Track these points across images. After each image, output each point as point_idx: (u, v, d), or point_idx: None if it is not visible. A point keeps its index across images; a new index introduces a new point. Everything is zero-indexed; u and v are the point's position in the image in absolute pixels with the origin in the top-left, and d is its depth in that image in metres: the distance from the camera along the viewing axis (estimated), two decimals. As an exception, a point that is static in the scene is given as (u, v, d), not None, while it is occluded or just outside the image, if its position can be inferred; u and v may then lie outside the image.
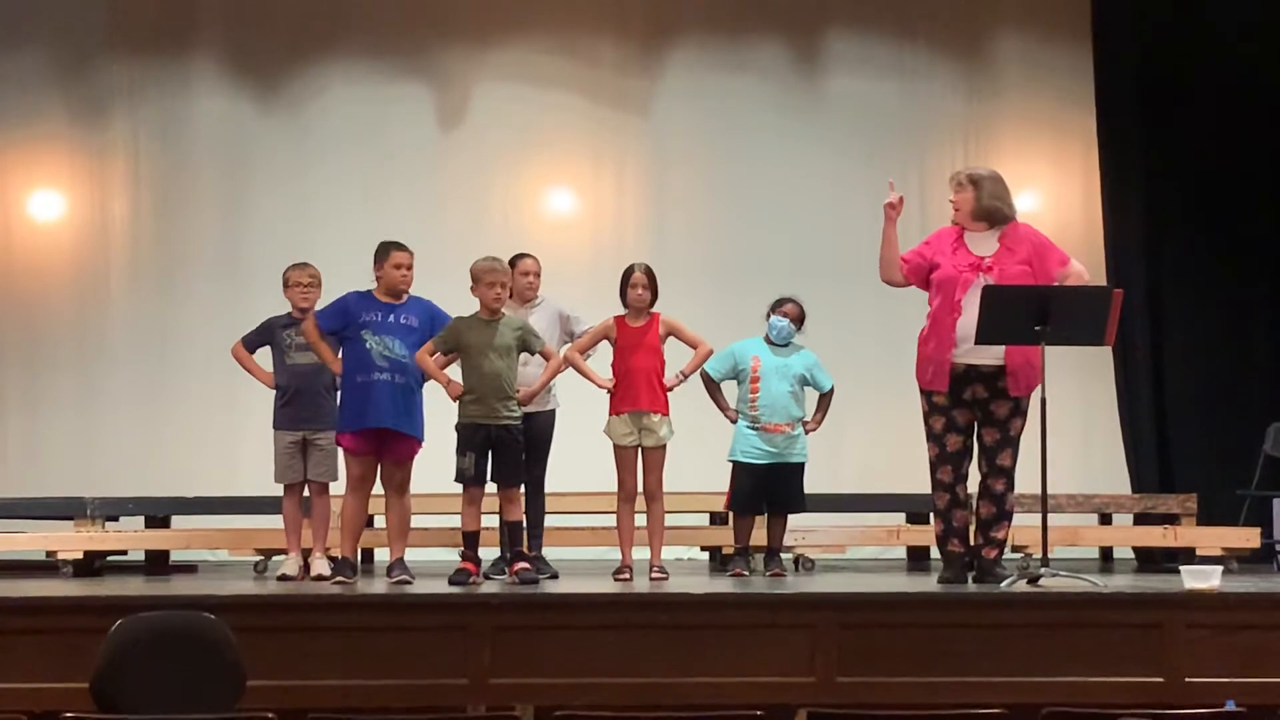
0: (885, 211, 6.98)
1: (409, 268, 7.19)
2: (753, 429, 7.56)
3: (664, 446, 7.28)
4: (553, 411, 7.70)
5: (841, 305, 9.84)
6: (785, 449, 7.54)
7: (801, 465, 7.60)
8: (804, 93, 10.55)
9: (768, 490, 7.58)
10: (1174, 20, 9.93)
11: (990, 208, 6.96)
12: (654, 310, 7.37)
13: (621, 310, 7.38)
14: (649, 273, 7.34)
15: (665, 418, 7.28)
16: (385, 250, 7.21)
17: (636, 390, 7.25)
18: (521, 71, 10.44)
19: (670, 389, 7.32)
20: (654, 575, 7.17)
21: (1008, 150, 10.39)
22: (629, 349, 7.30)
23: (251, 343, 7.66)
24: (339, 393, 7.29)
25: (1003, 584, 6.64)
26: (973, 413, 6.93)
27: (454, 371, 7.16)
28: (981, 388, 6.89)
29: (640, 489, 7.28)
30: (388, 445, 7.12)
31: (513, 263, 7.50)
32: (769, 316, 7.67)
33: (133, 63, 10.44)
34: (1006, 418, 6.91)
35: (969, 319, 6.78)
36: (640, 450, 7.26)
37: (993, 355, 6.85)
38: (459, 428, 7.05)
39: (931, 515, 7.18)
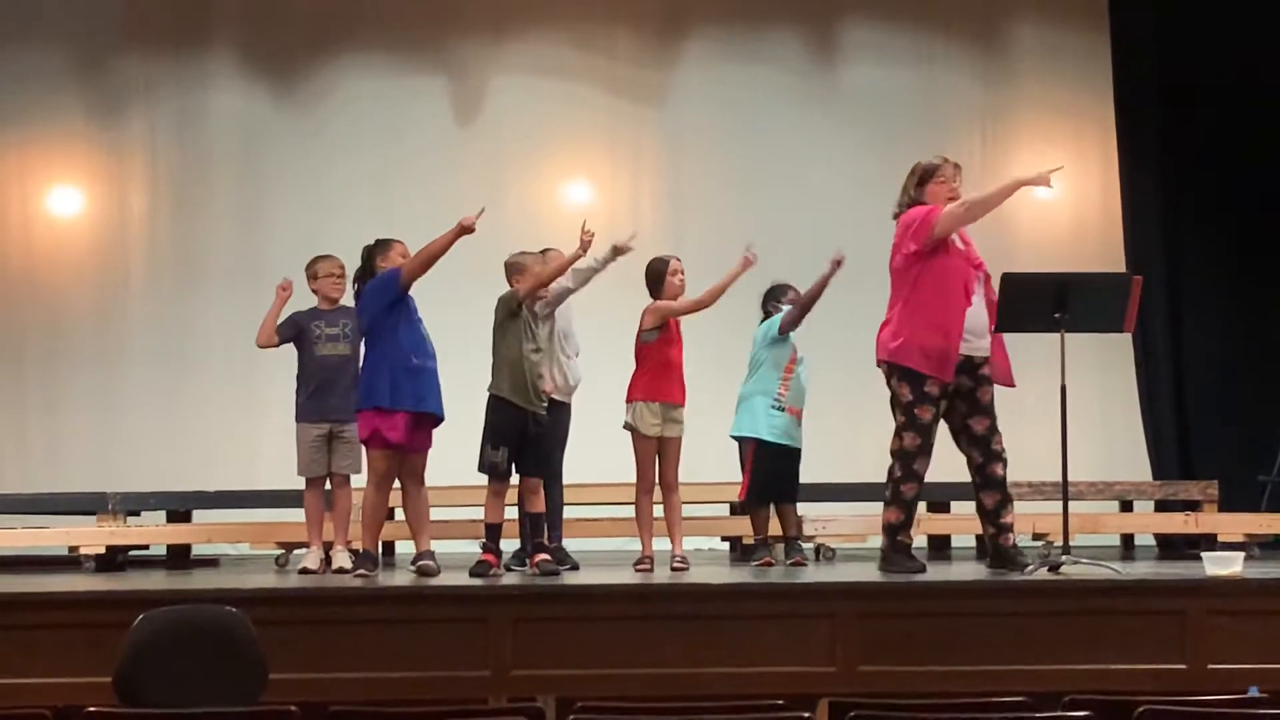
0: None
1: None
2: (777, 409, 7.58)
3: (680, 438, 7.31)
4: (569, 405, 7.70)
5: (857, 296, 9.80)
6: (797, 435, 7.65)
7: (800, 452, 7.69)
8: (820, 82, 10.53)
9: (781, 476, 7.62)
10: (1192, 6, 9.87)
11: None
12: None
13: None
14: None
15: (682, 410, 7.35)
16: (386, 245, 7.22)
17: (672, 382, 7.29)
18: (537, 64, 10.43)
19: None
20: (674, 566, 7.18)
21: (1025, 138, 10.35)
22: (671, 340, 7.33)
23: (281, 337, 7.64)
24: (370, 375, 7.04)
25: (1024, 571, 6.63)
26: (951, 403, 6.91)
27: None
28: (966, 377, 6.87)
29: (658, 480, 7.29)
30: (419, 433, 7.05)
31: None
32: (774, 312, 7.72)
33: (149, 59, 10.46)
34: (989, 402, 6.91)
35: (977, 310, 6.81)
36: (660, 441, 7.27)
37: (985, 344, 6.85)
38: (494, 409, 6.98)
39: (885, 505, 6.99)
